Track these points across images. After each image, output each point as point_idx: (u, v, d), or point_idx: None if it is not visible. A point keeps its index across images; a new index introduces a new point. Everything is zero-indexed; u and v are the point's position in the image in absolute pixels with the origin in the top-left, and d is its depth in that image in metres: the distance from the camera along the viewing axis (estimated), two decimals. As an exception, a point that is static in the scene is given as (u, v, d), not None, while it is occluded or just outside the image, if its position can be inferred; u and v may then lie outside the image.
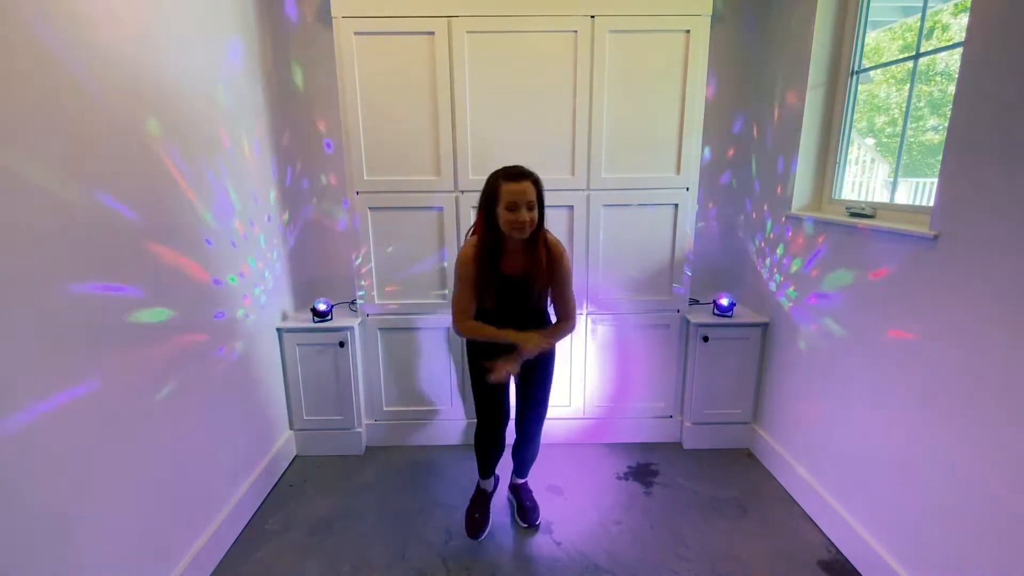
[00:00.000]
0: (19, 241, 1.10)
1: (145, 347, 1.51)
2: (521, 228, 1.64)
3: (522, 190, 1.62)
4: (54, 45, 1.19)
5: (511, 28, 2.22)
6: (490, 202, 1.67)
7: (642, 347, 2.61)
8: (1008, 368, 1.29)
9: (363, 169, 2.34)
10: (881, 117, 2.15)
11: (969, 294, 1.40)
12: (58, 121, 1.19)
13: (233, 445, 2.02)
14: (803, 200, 2.23)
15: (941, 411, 1.50)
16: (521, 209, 1.62)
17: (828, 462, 2.03)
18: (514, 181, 1.62)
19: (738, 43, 2.49)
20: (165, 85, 1.61)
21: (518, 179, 1.63)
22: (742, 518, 2.13)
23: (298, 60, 2.46)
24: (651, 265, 2.51)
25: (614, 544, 1.99)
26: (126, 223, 1.43)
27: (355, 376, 2.53)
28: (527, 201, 1.62)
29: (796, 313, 2.22)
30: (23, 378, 1.12)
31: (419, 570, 1.87)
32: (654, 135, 2.35)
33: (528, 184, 1.63)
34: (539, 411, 1.98)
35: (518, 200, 1.62)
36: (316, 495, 2.29)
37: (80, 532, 1.29)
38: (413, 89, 2.27)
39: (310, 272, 2.70)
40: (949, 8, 1.80)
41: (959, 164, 1.43)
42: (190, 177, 1.72)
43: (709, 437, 2.63)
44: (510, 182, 1.63)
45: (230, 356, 2.00)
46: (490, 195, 1.67)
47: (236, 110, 2.06)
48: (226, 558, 1.91)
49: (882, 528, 1.74)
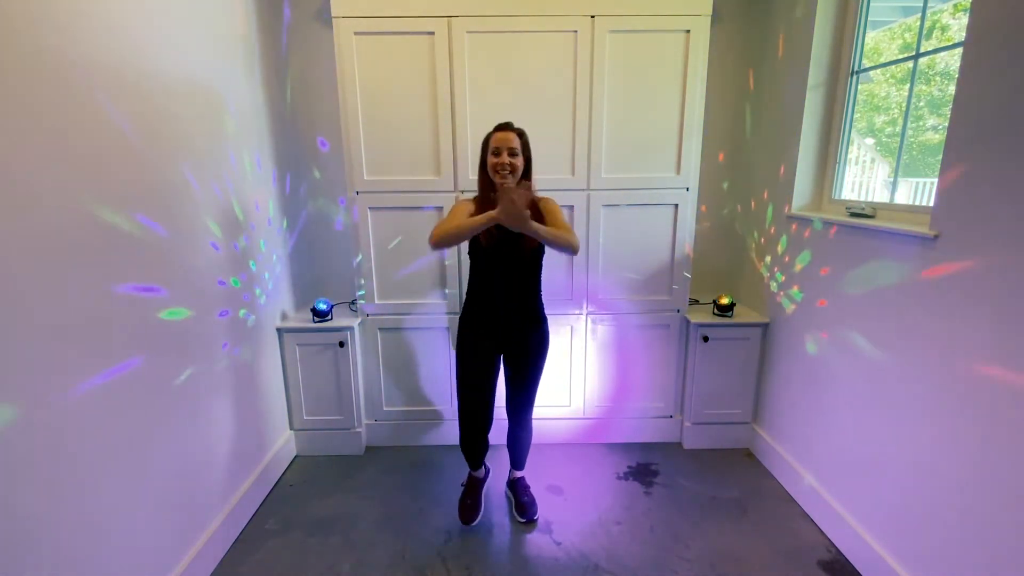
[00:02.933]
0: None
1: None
2: (503, 170, 1.79)
3: (505, 137, 1.80)
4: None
5: (511, 28, 2.22)
6: (483, 153, 1.86)
7: (642, 347, 2.61)
8: (1008, 369, 1.29)
9: (363, 169, 2.34)
10: (881, 117, 2.15)
11: (969, 294, 1.40)
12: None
13: (233, 445, 2.02)
14: (803, 200, 2.23)
15: (940, 412, 1.49)
16: (503, 153, 1.79)
17: (828, 462, 2.03)
18: (500, 131, 1.82)
19: (738, 43, 2.49)
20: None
21: (503, 129, 1.83)
22: (742, 518, 2.13)
23: (298, 59, 2.46)
24: (651, 265, 2.51)
25: (614, 544, 1.99)
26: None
27: (355, 376, 2.53)
28: (509, 147, 1.79)
29: (796, 313, 2.22)
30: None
31: (419, 570, 1.87)
32: (654, 135, 2.35)
33: (512, 134, 1.81)
34: (528, 393, 2.04)
35: (501, 146, 1.79)
36: (316, 495, 2.29)
37: (81, 529, 1.30)
38: (413, 89, 2.27)
39: (310, 272, 2.70)
40: (949, 8, 1.80)
41: (959, 164, 1.43)
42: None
43: (709, 437, 2.63)
44: (496, 132, 1.83)
45: (233, 352, 2.01)
46: (483, 147, 1.86)
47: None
48: (226, 558, 1.91)
49: (882, 528, 1.74)
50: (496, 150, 1.79)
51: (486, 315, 1.91)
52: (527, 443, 2.16)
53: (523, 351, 1.96)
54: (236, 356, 2.05)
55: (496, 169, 1.79)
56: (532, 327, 1.95)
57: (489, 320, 1.92)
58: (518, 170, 1.81)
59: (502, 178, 1.78)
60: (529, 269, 1.91)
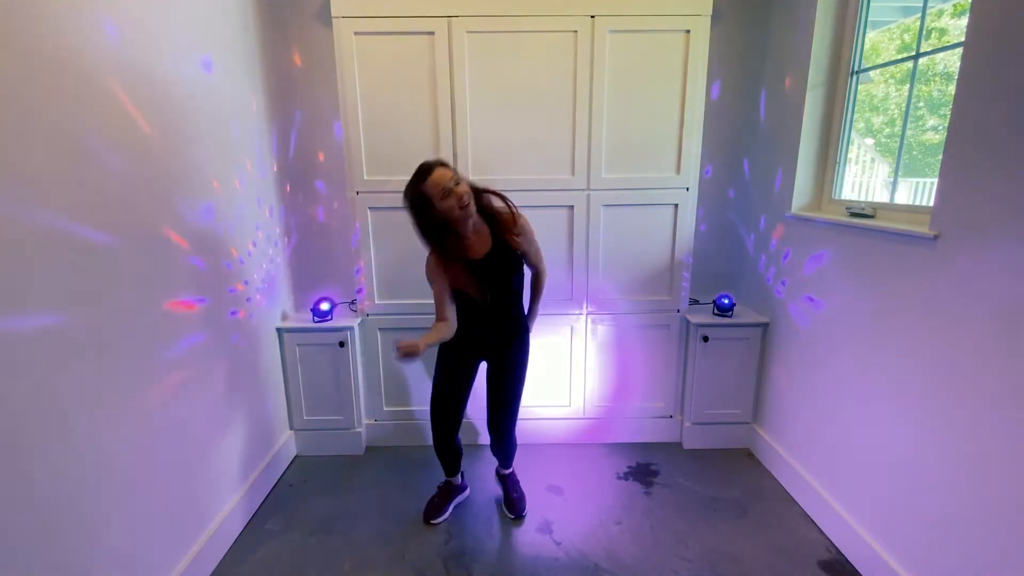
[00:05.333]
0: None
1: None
2: (465, 207, 1.64)
3: (440, 176, 1.62)
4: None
5: (511, 28, 2.22)
6: (424, 213, 1.65)
7: (642, 347, 2.61)
8: (1008, 368, 1.29)
9: (363, 169, 2.34)
10: (880, 117, 2.15)
11: (969, 294, 1.40)
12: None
13: (233, 445, 2.02)
14: (803, 200, 2.23)
15: (940, 412, 1.50)
16: (451, 191, 1.62)
17: (828, 462, 2.03)
18: (428, 175, 1.62)
19: (738, 43, 2.49)
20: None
21: (429, 171, 1.63)
22: (742, 518, 2.13)
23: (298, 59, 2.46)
24: (651, 265, 2.51)
25: (614, 544, 1.99)
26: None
27: (355, 376, 2.53)
28: (451, 179, 1.62)
29: (796, 313, 2.22)
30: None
31: (419, 570, 1.87)
32: (654, 135, 2.35)
33: (441, 168, 1.64)
34: (510, 408, 2.00)
35: (445, 185, 1.61)
36: (316, 495, 2.29)
37: (81, 529, 1.30)
38: (413, 89, 2.27)
39: (310, 272, 2.70)
40: (949, 8, 1.80)
41: (959, 164, 1.43)
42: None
43: (709, 437, 2.63)
44: (426, 179, 1.62)
45: (233, 352, 2.01)
46: (420, 207, 1.65)
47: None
48: (226, 558, 1.91)
49: (882, 528, 1.74)
50: (444, 192, 1.61)
51: (473, 330, 1.88)
52: (512, 449, 2.13)
53: (507, 359, 1.95)
54: (236, 356, 2.04)
55: (458, 209, 1.64)
56: (516, 336, 1.95)
57: (475, 333, 1.89)
58: (471, 195, 1.67)
59: (462, 209, 1.64)
60: (514, 292, 1.90)
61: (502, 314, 1.89)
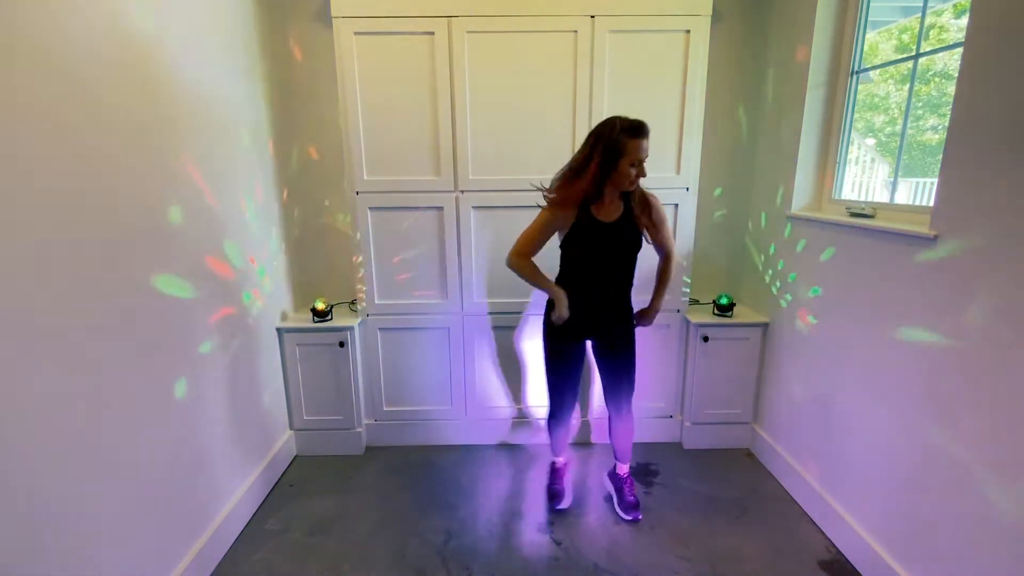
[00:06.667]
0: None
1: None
2: (636, 181, 1.72)
3: (643, 145, 1.66)
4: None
5: (511, 28, 2.22)
6: (611, 154, 1.67)
7: (642, 347, 2.58)
8: (1008, 368, 1.29)
9: (363, 169, 2.34)
10: (880, 117, 2.15)
11: (969, 294, 1.40)
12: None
13: (233, 445, 2.02)
14: (803, 200, 2.23)
15: (940, 412, 1.50)
16: (641, 162, 1.68)
17: (828, 462, 2.03)
18: (638, 137, 1.65)
19: (738, 43, 2.49)
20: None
21: (640, 133, 1.65)
22: (742, 518, 2.13)
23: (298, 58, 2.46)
24: (652, 265, 2.50)
25: (614, 544, 1.99)
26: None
27: (355, 376, 2.53)
28: (646, 152, 1.68)
29: (796, 313, 2.22)
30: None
31: (419, 570, 1.87)
32: (654, 135, 2.31)
33: (647, 140, 1.67)
34: (630, 379, 2.04)
35: (640, 154, 1.66)
36: (316, 495, 2.29)
37: (81, 529, 1.30)
38: (413, 89, 2.28)
39: (310, 272, 2.70)
40: (949, 9, 1.80)
41: (959, 164, 1.43)
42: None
43: (709, 437, 2.63)
44: (635, 138, 1.65)
45: (233, 352, 2.01)
46: (612, 147, 1.66)
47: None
48: (226, 558, 1.91)
49: (882, 528, 1.74)
50: (637, 160, 1.67)
51: (581, 307, 1.89)
52: (631, 432, 2.13)
53: (617, 340, 1.97)
54: (236, 356, 2.04)
55: (633, 181, 1.72)
56: (624, 316, 1.97)
57: (583, 311, 1.90)
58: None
59: (632, 181, 1.72)
60: (629, 264, 1.91)
61: (617, 291, 1.91)
